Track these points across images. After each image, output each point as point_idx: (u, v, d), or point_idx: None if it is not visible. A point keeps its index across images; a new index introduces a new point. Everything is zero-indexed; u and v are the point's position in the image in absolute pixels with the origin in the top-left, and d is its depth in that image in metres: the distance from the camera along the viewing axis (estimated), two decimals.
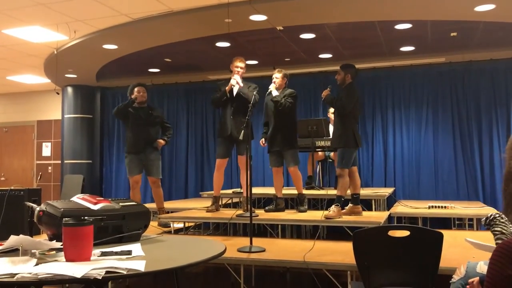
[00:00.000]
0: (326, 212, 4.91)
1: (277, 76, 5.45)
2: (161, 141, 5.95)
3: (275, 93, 5.36)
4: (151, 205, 5.99)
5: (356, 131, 5.12)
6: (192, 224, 6.20)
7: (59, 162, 9.98)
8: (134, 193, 5.85)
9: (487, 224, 2.60)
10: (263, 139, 5.66)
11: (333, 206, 4.94)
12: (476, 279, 2.27)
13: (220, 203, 5.74)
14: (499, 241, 2.50)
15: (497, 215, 2.70)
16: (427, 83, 7.94)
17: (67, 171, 9.33)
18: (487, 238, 2.79)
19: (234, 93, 5.34)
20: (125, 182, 9.58)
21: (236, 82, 5.27)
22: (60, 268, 1.74)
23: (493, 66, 7.58)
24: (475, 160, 7.62)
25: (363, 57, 7.67)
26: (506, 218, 2.56)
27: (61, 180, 9.58)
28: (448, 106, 7.83)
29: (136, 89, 5.81)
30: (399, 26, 6.09)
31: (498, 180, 7.40)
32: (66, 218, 2.06)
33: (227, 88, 5.33)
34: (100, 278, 1.66)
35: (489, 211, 5.96)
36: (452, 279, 2.51)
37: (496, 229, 2.61)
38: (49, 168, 10.38)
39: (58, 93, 8.78)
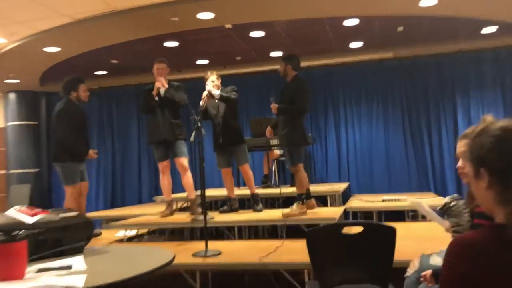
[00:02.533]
0: (286, 211, 4.84)
1: (213, 80, 5.24)
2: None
3: (216, 92, 5.14)
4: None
5: (304, 128, 4.97)
6: (146, 230, 6.01)
7: (5, 172, 9.48)
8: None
9: (444, 212, 2.61)
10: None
11: (294, 204, 4.86)
12: (429, 272, 2.27)
13: (175, 206, 5.60)
14: (456, 234, 2.51)
15: (452, 203, 2.72)
16: (377, 79, 8.07)
17: (14, 181, 8.88)
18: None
19: (162, 95, 5.19)
20: None
21: (161, 84, 5.14)
22: None
23: (439, 61, 7.79)
24: (425, 152, 7.82)
25: (314, 54, 7.70)
26: (463, 206, 2.57)
27: (7, 191, 9.10)
28: (397, 100, 7.99)
29: (83, 87, 5.22)
30: (347, 22, 6.14)
31: (448, 170, 7.61)
32: None
33: (153, 92, 5.19)
34: None
35: (440, 201, 6.09)
36: (406, 273, 2.51)
37: (452, 219, 2.63)
38: None
39: None
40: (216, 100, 5.24)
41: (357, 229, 2.48)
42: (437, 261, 2.43)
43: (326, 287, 2.40)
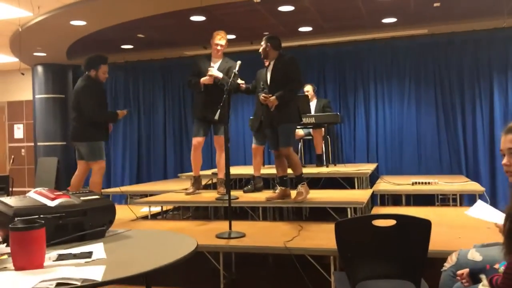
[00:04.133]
0: (294, 196, 4.64)
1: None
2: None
3: (219, 74, 5.00)
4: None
5: (298, 106, 4.72)
6: (171, 207, 6.01)
7: (32, 144, 9.63)
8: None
9: None
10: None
11: (299, 186, 4.59)
12: (466, 271, 2.15)
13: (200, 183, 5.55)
14: None
15: None
16: (410, 55, 7.76)
17: (41, 154, 9.00)
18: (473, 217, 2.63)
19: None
20: None
21: (214, 76, 4.99)
22: (4, 281, 1.54)
23: (475, 38, 7.41)
24: (458, 134, 7.53)
25: (343, 30, 7.43)
26: None
27: (35, 163, 9.24)
28: (430, 78, 7.67)
29: (104, 68, 4.99)
30: None
31: (481, 153, 7.33)
32: (19, 219, 1.84)
33: (202, 81, 5.04)
34: None
35: (472, 186, 5.88)
36: (443, 267, 2.38)
37: None
38: (22, 151, 10.01)
39: (23, 74, 8.35)
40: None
41: (389, 222, 2.35)
42: (474, 256, 2.29)
43: (354, 280, 2.29)
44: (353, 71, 8.02)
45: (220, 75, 5.02)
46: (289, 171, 4.76)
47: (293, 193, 4.73)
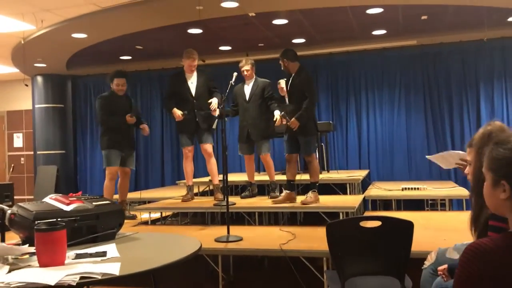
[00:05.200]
0: (303, 198, 4.98)
1: (247, 69, 5.46)
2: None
3: (277, 113, 5.23)
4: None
5: (316, 118, 5.22)
6: (170, 213, 6.20)
7: (32, 153, 9.80)
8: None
9: None
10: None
11: (310, 192, 5.00)
12: (445, 266, 2.34)
13: (197, 190, 5.78)
14: None
15: None
16: (399, 65, 8.04)
17: (40, 162, 9.18)
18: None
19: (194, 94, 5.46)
20: (100, 171, 9.48)
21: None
22: (33, 276, 1.73)
23: (463, 48, 7.71)
24: (446, 140, 7.80)
25: (336, 41, 7.70)
26: None
27: (34, 172, 9.41)
28: (420, 88, 7.96)
29: (116, 81, 5.44)
30: (371, 11, 6.11)
31: None
32: (39, 222, 2.04)
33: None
34: (75, 284, 1.66)
35: (460, 191, 6.13)
36: (423, 265, 2.59)
37: None
38: (22, 159, 10.18)
39: (27, 85, 8.57)
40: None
41: (376, 223, 2.57)
42: (453, 254, 2.49)
43: (344, 278, 2.51)
44: (345, 81, 8.28)
45: (216, 104, 5.29)
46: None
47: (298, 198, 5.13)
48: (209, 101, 5.34)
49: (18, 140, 10.25)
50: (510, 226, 1.28)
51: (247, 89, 5.53)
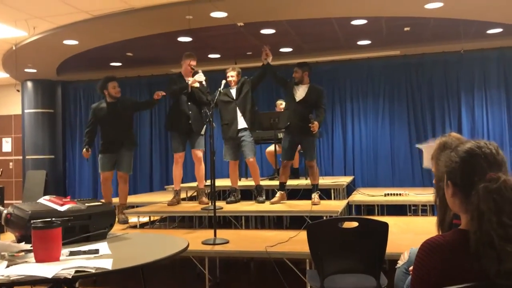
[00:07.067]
0: (312, 201, 5.38)
1: (232, 75, 5.65)
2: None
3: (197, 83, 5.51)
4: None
5: None
6: (158, 217, 6.31)
7: (21, 157, 9.84)
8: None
9: None
10: None
11: (315, 194, 5.41)
12: None
13: (185, 195, 5.89)
14: None
15: None
16: (384, 75, 8.27)
17: (29, 167, 9.22)
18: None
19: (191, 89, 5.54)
20: (88, 176, 9.56)
21: (201, 79, 5.44)
22: (31, 269, 1.86)
23: (444, 59, 7.96)
24: None
25: (322, 51, 7.90)
26: None
27: (23, 176, 9.45)
28: (403, 96, 8.19)
29: (111, 84, 5.61)
30: (355, 22, 6.32)
31: None
32: (35, 221, 2.17)
33: (191, 83, 5.47)
34: (70, 277, 1.79)
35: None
36: (397, 264, 2.75)
37: None
38: (10, 164, 10.21)
39: (18, 90, 8.63)
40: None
41: (354, 224, 2.73)
42: None
43: (323, 276, 2.66)
44: (330, 89, 8.49)
45: (202, 78, 5.47)
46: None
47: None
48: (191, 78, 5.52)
49: (7, 145, 10.29)
50: (462, 222, 1.45)
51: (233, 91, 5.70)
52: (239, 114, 5.60)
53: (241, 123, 5.60)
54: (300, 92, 5.44)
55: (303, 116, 5.30)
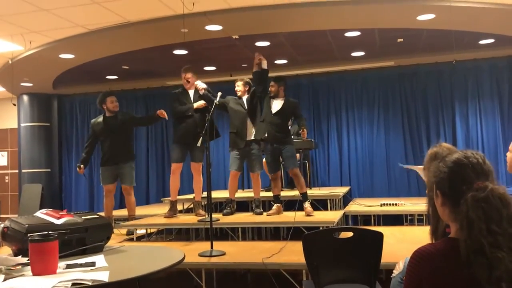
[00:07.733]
0: (306, 211, 5.38)
1: (238, 84, 5.76)
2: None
3: (201, 86, 5.55)
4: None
5: None
6: (155, 230, 6.30)
7: (17, 171, 9.82)
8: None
9: None
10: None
11: (307, 203, 5.42)
12: None
13: (182, 207, 5.89)
14: None
15: None
16: (378, 85, 8.34)
17: (25, 181, 9.20)
18: None
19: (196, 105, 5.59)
20: (85, 189, 9.54)
21: (203, 86, 5.49)
22: (28, 283, 1.87)
23: (438, 69, 8.05)
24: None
25: (317, 62, 7.97)
26: None
27: (19, 190, 9.43)
28: (398, 107, 8.26)
29: (110, 99, 5.84)
30: (349, 34, 6.39)
31: None
32: (32, 234, 2.18)
33: (196, 106, 5.56)
34: None
35: None
36: (392, 274, 2.77)
37: None
38: (6, 178, 10.19)
39: (14, 104, 8.66)
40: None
41: (349, 234, 2.76)
42: None
43: (319, 286, 2.67)
44: (326, 100, 8.56)
45: (204, 86, 5.52)
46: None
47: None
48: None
49: (3, 158, 10.27)
50: (451, 231, 1.48)
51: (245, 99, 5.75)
52: (249, 124, 5.65)
53: (251, 134, 5.64)
54: (276, 105, 5.54)
55: (280, 126, 5.48)
